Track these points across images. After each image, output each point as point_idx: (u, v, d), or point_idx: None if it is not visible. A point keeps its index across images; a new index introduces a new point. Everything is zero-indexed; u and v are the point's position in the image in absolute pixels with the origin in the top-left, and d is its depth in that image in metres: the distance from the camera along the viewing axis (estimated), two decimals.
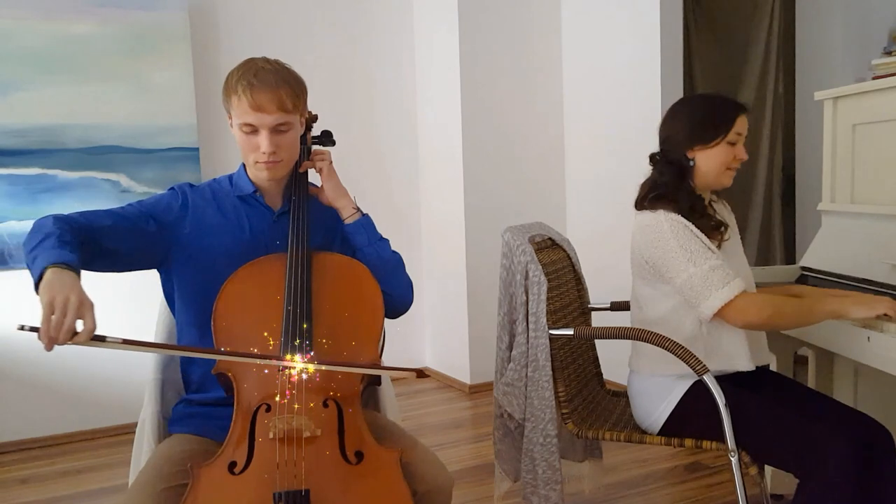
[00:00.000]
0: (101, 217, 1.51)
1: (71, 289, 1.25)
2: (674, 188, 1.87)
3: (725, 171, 1.88)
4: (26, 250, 1.37)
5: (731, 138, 1.86)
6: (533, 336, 1.98)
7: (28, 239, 1.39)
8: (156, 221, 1.58)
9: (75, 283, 1.28)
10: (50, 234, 1.36)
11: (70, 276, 1.28)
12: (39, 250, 1.33)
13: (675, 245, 1.79)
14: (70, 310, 1.23)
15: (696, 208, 1.86)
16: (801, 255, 2.52)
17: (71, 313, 1.23)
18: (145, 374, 1.72)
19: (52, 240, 1.35)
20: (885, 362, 1.71)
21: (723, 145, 1.86)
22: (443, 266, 4.18)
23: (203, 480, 1.35)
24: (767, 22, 4.16)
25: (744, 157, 1.88)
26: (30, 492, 2.92)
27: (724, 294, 1.75)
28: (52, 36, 3.35)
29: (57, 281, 1.26)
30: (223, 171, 1.85)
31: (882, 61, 3.17)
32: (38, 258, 1.32)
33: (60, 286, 1.25)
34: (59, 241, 1.35)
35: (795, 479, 1.69)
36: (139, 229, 1.56)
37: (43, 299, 1.24)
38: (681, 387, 1.88)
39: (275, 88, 1.52)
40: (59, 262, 1.29)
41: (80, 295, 1.26)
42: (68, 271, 1.29)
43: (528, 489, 2.02)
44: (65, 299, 1.23)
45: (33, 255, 1.34)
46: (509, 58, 4.01)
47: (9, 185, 3.31)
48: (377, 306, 1.58)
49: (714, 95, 1.96)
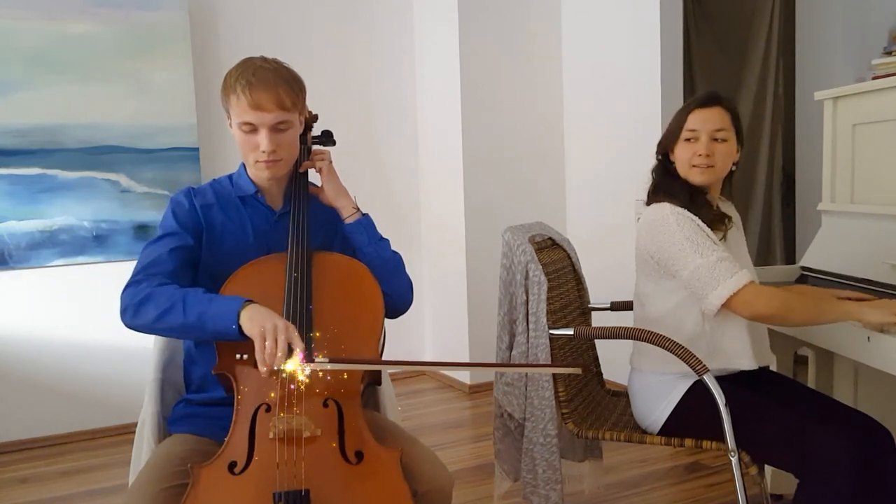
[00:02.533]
0: (166, 262, 1.53)
1: (274, 316, 1.38)
2: (668, 183, 1.92)
3: (691, 169, 1.89)
4: (181, 316, 1.42)
5: (685, 135, 1.89)
6: (533, 336, 1.98)
7: (160, 306, 1.43)
8: (188, 232, 1.59)
9: (272, 311, 1.40)
10: (189, 290, 1.45)
11: (265, 308, 1.40)
12: (203, 305, 1.41)
13: (681, 237, 1.80)
14: (280, 335, 1.36)
15: (695, 199, 1.88)
16: (801, 255, 2.52)
17: (282, 340, 1.36)
18: (145, 374, 1.72)
19: (198, 293, 1.44)
20: (885, 362, 1.71)
21: (680, 143, 1.90)
22: (443, 266, 4.18)
23: (203, 480, 1.35)
24: (767, 22, 4.16)
25: (701, 152, 1.86)
26: (30, 492, 2.92)
27: (732, 284, 1.75)
28: (52, 36, 3.35)
29: (257, 314, 1.38)
30: (223, 171, 1.85)
31: (882, 61, 3.17)
32: (212, 307, 1.41)
33: (266, 316, 1.38)
34: (205, 291, 1.46)
35: (795, 479, 1.69)
36: (188, 249, 1.58)
37: (254, 331, 1.36)
38: (681, 386, 1.88)
39: (273, 87, 1.52)
40: (245, 301, 1.41)
41: (284, 320, 1.39)
42: (258, 304, 1.41)
43: (528, 489, 2.02)
44: (274, 327, 1.36)
45: (198, 312, 1.41)
46: (509, 58, 4.01)
47: (9, 185, 3.31)
48: (377, 306, 1.58)
49: (696, 96, 1.99)
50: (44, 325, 3.41)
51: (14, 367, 3.38)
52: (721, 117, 1.88)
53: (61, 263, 3.41)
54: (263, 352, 1.34)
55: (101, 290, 3.38)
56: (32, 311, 3.40)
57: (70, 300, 3.44)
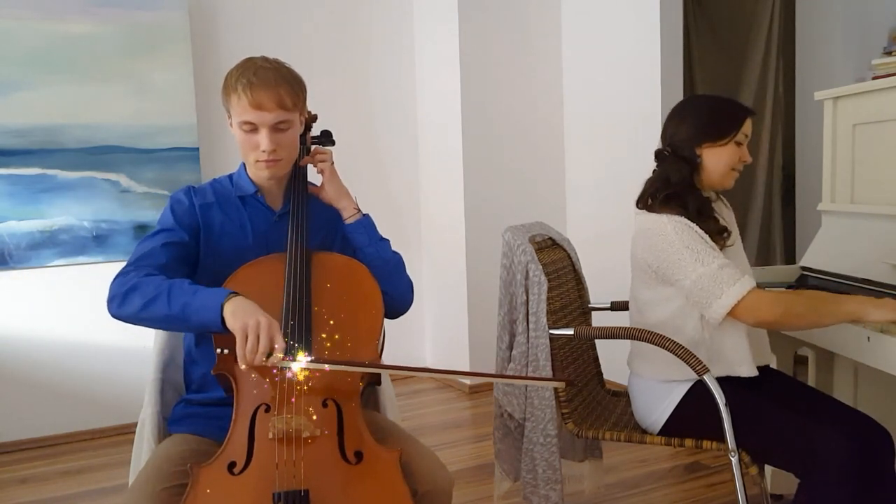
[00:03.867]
0: (158, 255, 1.54)
1: (257, 311, 1.36)
2: (684, 188, 1.85)
3: (730, 172, 1.88)
4: (165, 307, 1.40)
5: (739, 138, 1.86)
6: (533, 336, 1.98)
7: (155, 300, 1.41)
8: (184, 229, 1.59)
9: (255, 306, 1.37)
10: (175, 282, 1.43)
11: (249, 302, 1.38)
12: (187, 297, 1.39)
13: (680, 246, 1.78)
14: (262, 333, 1.33)
15: (703, 212, 1.84)
16: (801, 255, 2.52)
17: (264, 337, 1.33)
18: (145, 374, 1.72)
19: (185, 283, 1.43)
20: (885, 362, 1.71)
21: (731, 144, 1.86)
22: (443, 266, 4.18)
23: (202, 480, 1.35)
24: (767, 22, 4.16)
25: (748, 160, 1.88)
26: (30, 492, 2.92)
27: (735, 291, 1.73)
28: (52, 36, 3.34)
29: (240, 309, 1.36)
30: (223, 170, 1.85)
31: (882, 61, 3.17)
32: (196, 299, 1.39)
33: (249, 312, 1.35)
34: (192, 282, 1.44)
35: (795, 479, 1.69)
36: (183, 245, 1.58)
37: (236, 326, 1.34)
38: (681, 387, 1.87)
39: (274, 86, 1.53)
40: (230, 293, 1.38)
41: (268, 317, 1.36)
42: (242, 297, 1.38)
43: (528, 489, 2.01)
44: (256, 323, 1.33)
45: (182, 303, 1.39)
46: (509, 58, 4.01)
47: (9, 185, 3.31)
48: (377, 306, 1.58)
49: (723, 97, 1.97)
50: (44, 325, 3.41)
51: (14, 367, 3.38)
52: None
53: (61, 263, 3.41)
54: (244, 347, 1.33)
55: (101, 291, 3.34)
56: (32, 311, 3.40)
57: (70, 300, 3.43)
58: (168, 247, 1.55)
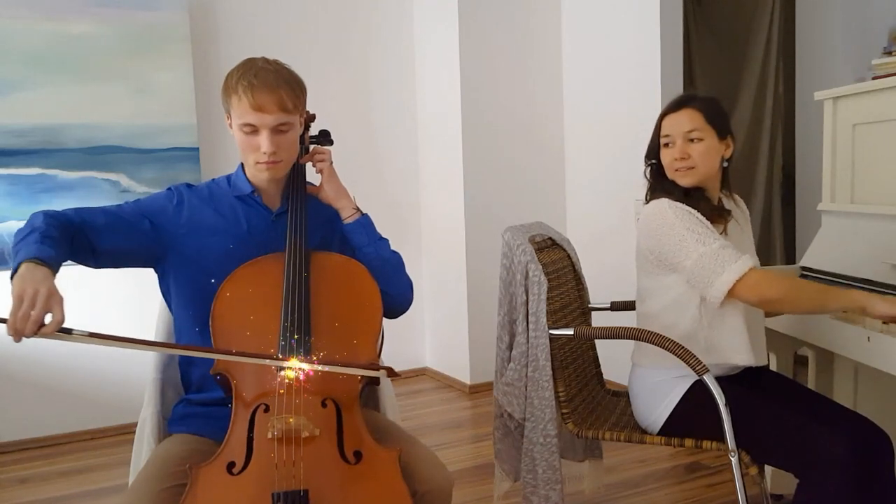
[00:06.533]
0: (96, 215, 1.53)
1: (41, 282, 1.28)
2: (661, 184, 1.95)
3: (674, 173, 1.92)
4: (12, 244, 1.40)
5: (662, 141, 1.94)
6: (533, 336, 1.98)
7: (17, 233, 1.41)
8: (150, 221, 1.59)
9: (47, 277, 1.30)
10: (35, 230, 1.39)
11: (42, 271, 1.31)
12: (22, 245, 1.36)
13: (681, 228, 1.81)
14: (38, 302, 1.26)
15: (692, 195, 1.90)
16: (801, 255, 2.52)
17: (39, 305, 1.25)
18: (145, 374, 1.72)
19: (35, 235, 1.38)
20: (885, 362, 1.71)
21: (662, 149, 1.94)
22: (443, 266, 4.17)
23: (202, 481, 1.35)
24: (767, 22, 4.16)
25: (676, 156, 1.90)
26: (30, 492, 2.92)
27: (736, 269, 1.74)
28: (52, 36, 3.34)
29: (28, 275, 1.29)
30: (223, 171, 1.85)
31: (882, 61, 3.16)
32: (19, 252, 1.35)
33: (31, 279, 1.28)
34: (42, 237, 1.37)
35: (795, 479, 1.69)
36: (133, 228, 1.57)
37: (13, 291, 1.27)
38: (681, 386, 1.88)
39: (275, 88, 1.52)
40: (36, 257, 1.32)
41: (50, 288, 1.28)
42: (42, 266, 1.32)
43: (528, 489, 2.01)
44: (34, 292, 1.26)
45: (16, 250, 1.37)
46: (509, 57, 4.01)
47: (9, 185, 3.31)
48: (376, 306, 1.57)
49: (679, 96, 2.01)
50: None
51: (14, 367, 3.37)
52: (691, 118, 1.89)
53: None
54: (16, 315, 1.24)
55: (101, 290, 3.37)
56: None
57: (70, 300, 3.41)
58: (113, 216, 1.55)
